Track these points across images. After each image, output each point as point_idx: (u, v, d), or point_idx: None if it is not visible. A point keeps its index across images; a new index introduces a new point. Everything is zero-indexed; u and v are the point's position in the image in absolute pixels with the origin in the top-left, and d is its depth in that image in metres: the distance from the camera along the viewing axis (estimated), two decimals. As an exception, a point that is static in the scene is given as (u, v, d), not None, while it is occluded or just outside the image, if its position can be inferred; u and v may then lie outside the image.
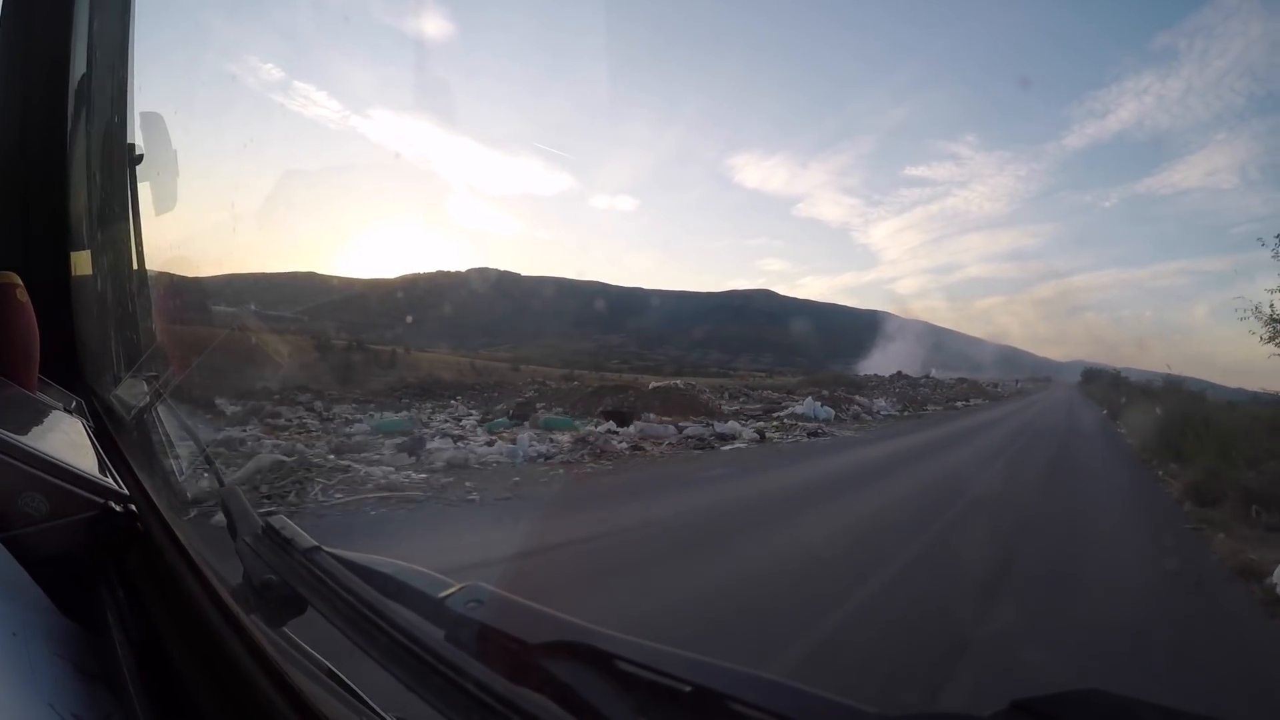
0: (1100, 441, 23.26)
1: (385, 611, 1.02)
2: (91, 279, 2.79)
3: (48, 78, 2.60)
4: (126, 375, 2.70)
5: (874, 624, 5.35)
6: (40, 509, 1.39)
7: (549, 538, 7.92)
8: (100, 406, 2.36)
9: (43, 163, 2.61)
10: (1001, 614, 5.63)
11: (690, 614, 5.46)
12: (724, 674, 0.81)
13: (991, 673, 4.50)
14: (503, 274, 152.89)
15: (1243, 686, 4.70)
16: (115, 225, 2.81)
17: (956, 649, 4.83)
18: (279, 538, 1.26)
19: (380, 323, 63.72)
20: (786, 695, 0.77)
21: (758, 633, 5.16)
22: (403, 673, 0.93)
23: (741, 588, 6.28)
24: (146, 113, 2.89)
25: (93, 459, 1.65)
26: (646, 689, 0.82)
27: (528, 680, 0.87)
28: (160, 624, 1.28)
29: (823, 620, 5.26)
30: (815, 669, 4.50)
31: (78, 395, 2.28)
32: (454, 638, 0.95)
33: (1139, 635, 5.48)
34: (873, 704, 0.75)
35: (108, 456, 1.75)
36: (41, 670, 1.09)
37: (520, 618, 0.96)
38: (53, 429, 1.75)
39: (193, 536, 1.41)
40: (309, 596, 1.13)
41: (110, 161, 2.80)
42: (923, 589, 6.29)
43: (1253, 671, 5.06)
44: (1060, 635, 5.36)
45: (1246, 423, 16.53)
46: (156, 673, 1.18)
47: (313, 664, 1.15)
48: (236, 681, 1.03)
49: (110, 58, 2.78)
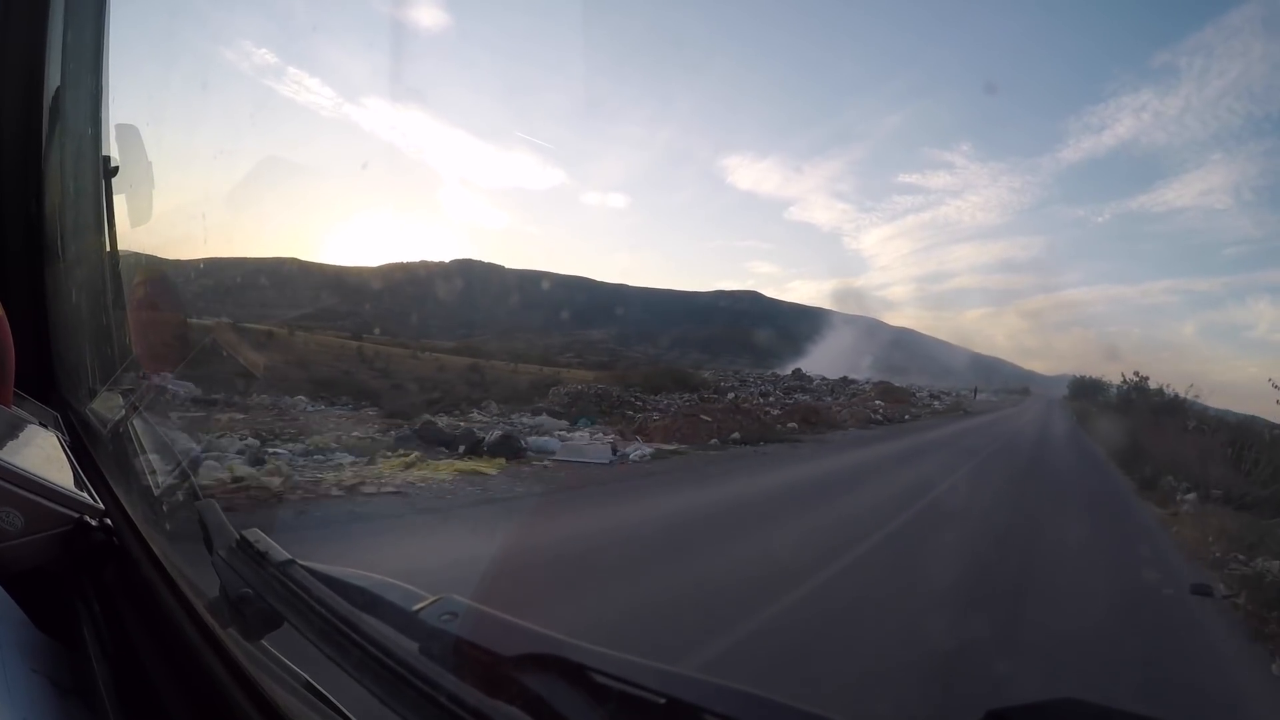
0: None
1: (359, 624, 1.02)
2: (67, 292, 2.77)
3: (21, 90, 2.58)
4: (102, 389, 2.68)
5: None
6: (15, 524, 1.39)
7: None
8: (76, 420, 2.34)
9: (17, 176, 2.60)
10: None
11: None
12: (698, 686, 0.81)
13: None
14: (487, 266, 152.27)
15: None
16: (90, 237, 2.80)
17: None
18: (253, 551, 1.26)
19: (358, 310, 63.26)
20: (760, 708, 0.78)
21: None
22: (376, 686, 0.93)
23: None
24: (122, 124, 2.87)
25: (68, 473, 1.64)
26: (620, 701, 0.83)
27: (502, 693, 0.87)
28: (136, 638, 1.28)
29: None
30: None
31: (53, 409, 2.27)
32: (428, 650, 0.96)
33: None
34: (846, 715, 0.75)
35: (83, 470, 1.74)
36: (17, 685, 1.09)
37: (494, 630, 0.97)
38: (28, 444, 1.74)
39: (169, 550, 1.41)
40: (283, 610, 1.13)
41: (85, 173, 2.79)
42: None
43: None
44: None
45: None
46: (132, 687, 1.18)
47: (291, 677, 1.15)
48: (212, 696, 1.04)
49: (85, 69, 2.77)
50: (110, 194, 2.73)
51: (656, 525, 9.11)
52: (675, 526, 9.12)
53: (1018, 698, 0.69)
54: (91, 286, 2.82)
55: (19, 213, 2.60)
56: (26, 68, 2.59)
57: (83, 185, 2.80)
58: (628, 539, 8.25)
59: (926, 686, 4.61)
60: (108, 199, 2.72)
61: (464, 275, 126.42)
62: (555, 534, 8.34)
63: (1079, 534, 10.42)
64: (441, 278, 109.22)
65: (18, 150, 2.59)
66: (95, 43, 2.80)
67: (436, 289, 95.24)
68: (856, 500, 11.59)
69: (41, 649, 1.26)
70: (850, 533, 8.77)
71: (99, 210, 2.73)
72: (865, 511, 10.33)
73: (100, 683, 1.18)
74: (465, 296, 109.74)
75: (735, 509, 10.48)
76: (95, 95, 2.80)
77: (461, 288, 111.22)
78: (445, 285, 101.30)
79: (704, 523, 9.38)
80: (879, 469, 16.33)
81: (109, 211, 2.72)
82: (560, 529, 8.63)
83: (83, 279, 2.82)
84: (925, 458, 18.67)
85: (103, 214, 2.72)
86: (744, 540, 8.33)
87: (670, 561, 7.15)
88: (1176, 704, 4.70)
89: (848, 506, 10.93)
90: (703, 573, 6.77)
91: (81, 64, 2.75)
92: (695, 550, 7.69)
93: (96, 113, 2.80)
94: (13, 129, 2.58)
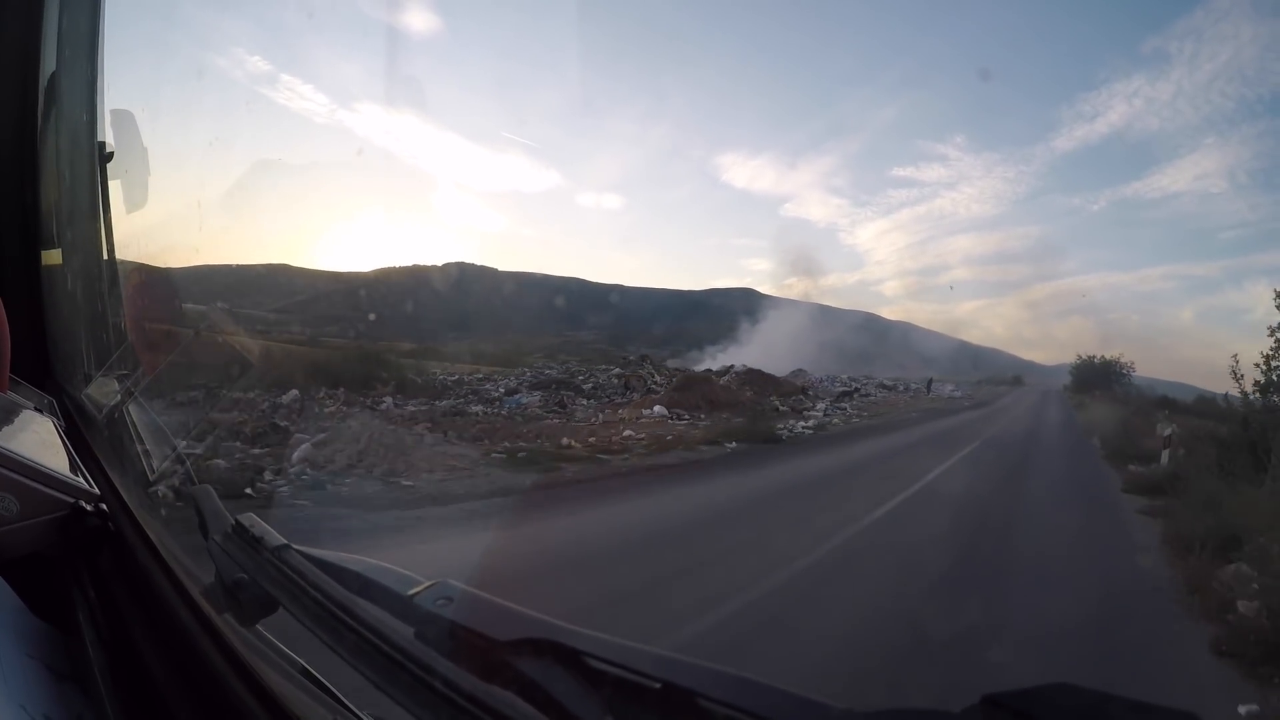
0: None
1: (354, 609, 1.02)
2: (62, 277, 2.77)
3: (16, 75, 2.57)
4: (98, 374, 2.68)
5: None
6: (10, 509, 1.39)
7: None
8: (72, 405, 2.34)
9: (12, 161, 2.59)
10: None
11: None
12: (692, 670, 0.81)
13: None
14: (480, 269, 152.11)
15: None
16: (85, 223, 2.79)
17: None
18: (248, 536, 1.26)
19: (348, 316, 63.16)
20: (755, 692, 0.78)
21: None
22: (372, 671, 0.93)
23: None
24: (117, 110, 2.86)
25: (64, 458, 1.64)
26: (615, 686, 0.83)
27: (496, 677, 0.87)
28: (132, 624, 1.28)
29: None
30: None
31: (49, 394, 2.27)
32: (423, 635, 0.96)
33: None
34: (840, 700, 0.75)
35: (79, 456, 1.74)
36: (12, 671, 1.09)
37: (489, 615, 0.96)
38: (23, 429, 1.74)
39: (164, 536, 1.41)
40: (278, 595, 1.14)
41: (80, 159, 2.78)
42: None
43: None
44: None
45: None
46: (128, 673, 1.18)
47: (286, 662, 1.15)
48: (208, 681, 1.04)
49: (80, 55, 2.76)
50: (105, 179, 2.72)
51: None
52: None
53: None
54: (87, 272, 2.81)
55: (14, 198, 2.59)
56: (21, 53, 2.58)
57: (78, 171, 2.79)
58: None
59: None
60: (103, 184, 2.72)
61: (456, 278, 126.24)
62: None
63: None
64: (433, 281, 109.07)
65: (13, 135, 2.58)
66: (90, 28, 2.79)
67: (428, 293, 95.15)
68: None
69: (37, 635, 1.27)
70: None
71: (94, 195, 2.73)
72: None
73: (96, 668, 1.18)
74: (457, 299, 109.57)
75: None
76: (90, 81, 2.79)
77: (453, 291, 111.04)
78: (437, 289, 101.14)
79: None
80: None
81: (104, 196, 2.72)
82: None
83: (78, 264, 2.81)
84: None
85: (98, 199, 2.72)
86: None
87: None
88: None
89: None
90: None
91: (77, 48, 2.74)
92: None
93: (91, 98, 2.79)
94: (8, 114, 2.57)
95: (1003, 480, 14.39)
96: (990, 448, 19.27)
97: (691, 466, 14.22)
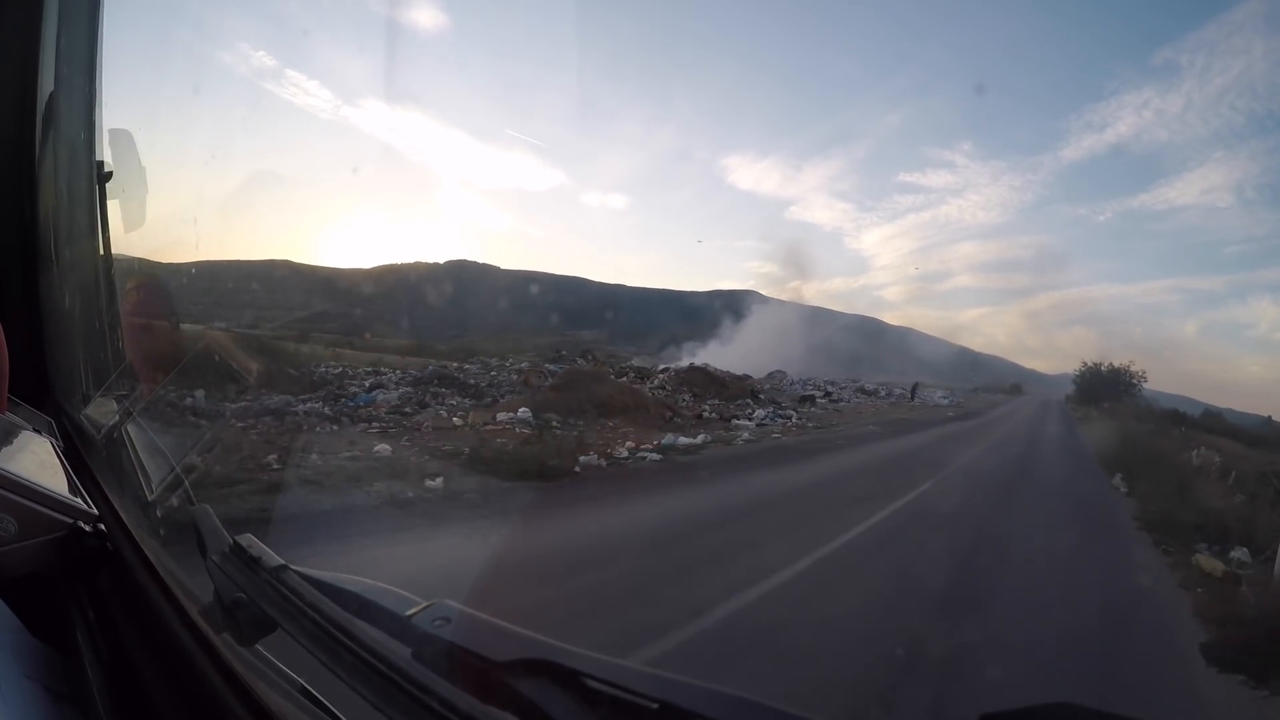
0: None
1: (352, 630, 1.02)
2: (60, 297, 2.77)
3: (14, 95, 2.58)
4: (96, 394, 2.68)
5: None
6: (9, 530, 1.39)
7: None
8: (70, 426, 2.34)
9: (10, 180, 2.59)
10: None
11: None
12: (690, 690, 0.82)
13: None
14: (481, 267, 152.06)
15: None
16: (84, 243, 2.80)
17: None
18: (247, 556, 1.26)
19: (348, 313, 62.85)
20: (753, 712, 0.78)
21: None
22: (370, 691, 0.94)
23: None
24: (115, 129, 2.87)
25: (62, 479, 1.64)
26: (612, 706, 0.83)
27: (494, 698, 0.87)
28: (130, 644, 1.28)
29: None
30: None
31: (47, 415, 2.27)
32: (420, 656, 0.96)
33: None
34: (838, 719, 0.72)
35: (77, 476, 1.74)
36: (11, 691, 1.09)
37: (487, 635, 0.97)
38: (22, 449, 1.74)
39: (163, 556, 1.41)
40: (276, 615, 1.14)
41: (78, 178, 2.79)
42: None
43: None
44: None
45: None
46: (126, 693, 1.18)
47: (286, 682, 1.15)
48: (206, 701, 1.04)
49: (78, 73, 2.77)
50: (104, 199, 2.72)
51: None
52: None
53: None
54: (85, 292, 2.81)
55: (13, 218, 2.59)
56: (20, 72, 2.58)
57: (76, 190, 2.80)
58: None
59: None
60: (101, 204, 2.72)
61: (458, 276, 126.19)
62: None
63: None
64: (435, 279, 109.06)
65: (11, 155, 2.59)
66: (89, 47, 2.80)
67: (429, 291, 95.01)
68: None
69: (36, 655, 1.27)
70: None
71: (92, 215, 2.73)
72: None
73: (94, 689, 1.18)
74: (458, 297, 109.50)
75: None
76: (88, 100, 2.80)
77: (454, 289, 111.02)
78: (438, 287, 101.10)
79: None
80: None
81: (102, 216, 2.72)
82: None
83: (76, 284, 2.81)
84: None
85: (96, 219, 2.72)
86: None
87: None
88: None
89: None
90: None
91: (75, 68, 2.75)
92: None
93: (90, 117, 2.80)
94: (5, 133, 2.57)
95: (934, 612, 6.04)
96: (946, 495, 11.53)
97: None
